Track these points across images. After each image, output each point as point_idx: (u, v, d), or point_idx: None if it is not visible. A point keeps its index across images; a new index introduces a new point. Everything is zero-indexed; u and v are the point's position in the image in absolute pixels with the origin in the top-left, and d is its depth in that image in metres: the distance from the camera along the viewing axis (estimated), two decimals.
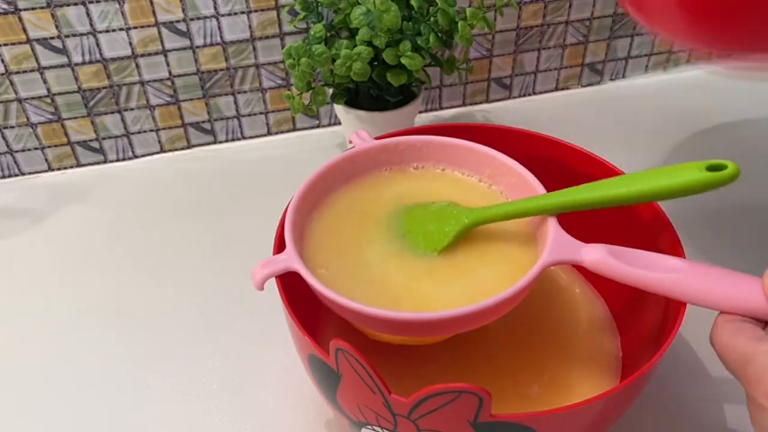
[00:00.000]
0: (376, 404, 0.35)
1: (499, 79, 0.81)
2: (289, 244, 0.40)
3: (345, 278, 0.40)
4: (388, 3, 0.58)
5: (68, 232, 0.66)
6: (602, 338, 0.49)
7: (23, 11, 0.63)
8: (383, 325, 0.37)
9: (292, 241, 0.40)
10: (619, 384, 0.36)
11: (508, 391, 0.44)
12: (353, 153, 0.46)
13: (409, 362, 0.46)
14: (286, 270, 0.39)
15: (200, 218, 0.67)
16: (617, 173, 0.48)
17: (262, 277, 0.39)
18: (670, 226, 0.44)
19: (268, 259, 0.39)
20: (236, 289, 0.59)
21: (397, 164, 0.48)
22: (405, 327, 0.36)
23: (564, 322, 0.50)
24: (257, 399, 0.50)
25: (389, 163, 0.48)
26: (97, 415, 0.50)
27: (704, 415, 0.49)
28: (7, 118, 0.69)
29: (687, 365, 0.51)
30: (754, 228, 0.64)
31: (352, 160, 0.46)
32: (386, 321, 0.36)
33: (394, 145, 0.47)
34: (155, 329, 0.56)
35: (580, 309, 0.51)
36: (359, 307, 0.36)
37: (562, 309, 0.51)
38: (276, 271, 0.39)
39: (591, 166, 0.49)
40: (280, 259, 0.39)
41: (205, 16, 0.68)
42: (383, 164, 0.47)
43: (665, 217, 0.45)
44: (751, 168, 0.71)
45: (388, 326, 0.37)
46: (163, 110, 0.73)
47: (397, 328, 0.37)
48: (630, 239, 0.48)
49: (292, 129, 0.78)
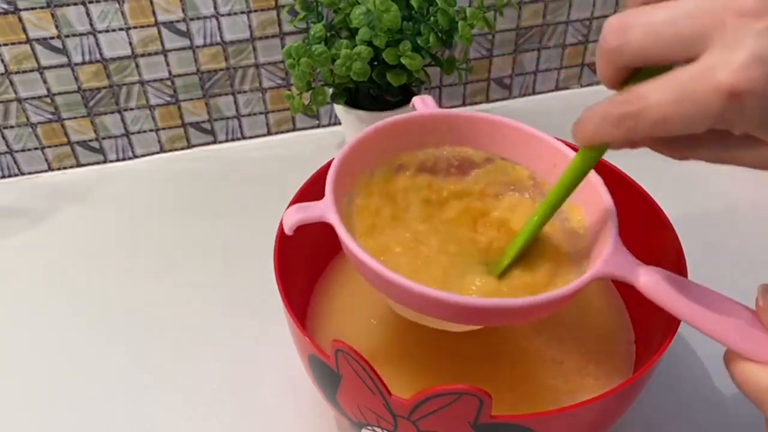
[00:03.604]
0: (377, 405, 0.35)
1: (499, 79, 0.81)
2: (329, 194, 0.37)
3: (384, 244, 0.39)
4: (388, 3, 0.58)
5: (68, 232, 0.66)
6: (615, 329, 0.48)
7: (23, 11, 0.63)
8: (416, 301, 0.35)
9: (333, 193, 0.37)
10: (619, 384, 0.36)
11: (509, 391, 0.44)
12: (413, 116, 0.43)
13: (409, 363, 0.46)
14: (319, 219, 0.36)
15: (200, 218, 0.67)
16: (617, 173, 0.48)
17: (294, 221, 0.36)
18: (670, 225, 0.44)
19: (304, 204, 0.37)
20: (236, 288, 0.59)
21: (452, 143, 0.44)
22: (436, 307, 0.34)
23: (574, 311, 0.49)
24: (257, 399, 0.50)
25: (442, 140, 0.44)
26: (96, 415, 0.50)
27: (705, 415, 0.49)
28: (7, 118, 0.69)
29: (687, 365, 0.51)
30: (754, 228, 0.64)
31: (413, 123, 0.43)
32: (420, 297, 0.34)
33: (455, 118, 0.43)
34: (155, 329, 0.56)
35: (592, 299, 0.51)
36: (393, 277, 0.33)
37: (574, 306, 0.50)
38: (309, 217, 0.36)
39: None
40: (317, 206, 0.36)
41: (205, 16, 0.68)
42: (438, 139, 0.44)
43: (665, 217, 0.45)
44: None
45: (421, 303, 0.35)
46: (163, 110, 0.73)
47: (430, 307, 0.35)
48: (630, 239, 0.48)
49: (292, 129, 0.78)
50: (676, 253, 0.43)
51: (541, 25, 0.78)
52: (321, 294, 0.51)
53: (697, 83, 0.26)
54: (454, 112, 0.44)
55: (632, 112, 0.27)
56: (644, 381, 0.38)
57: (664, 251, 0.45)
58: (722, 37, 0.25)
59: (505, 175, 0.44)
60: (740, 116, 0.26)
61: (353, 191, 0.41)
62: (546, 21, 0.77)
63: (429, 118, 0.43)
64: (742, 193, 0.68)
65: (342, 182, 0.39)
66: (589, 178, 0.38)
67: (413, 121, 0.43)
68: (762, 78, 0.25)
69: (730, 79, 0.25)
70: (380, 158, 0.43)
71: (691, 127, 0.27)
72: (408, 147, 0.43)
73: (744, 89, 0.25)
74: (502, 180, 0.44)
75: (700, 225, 0.62)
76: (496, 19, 0.75)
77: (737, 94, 0.25)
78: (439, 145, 0.44)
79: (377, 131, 0.42)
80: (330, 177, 0.38)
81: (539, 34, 0.78)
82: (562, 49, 0.80)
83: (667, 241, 0.44)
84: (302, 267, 0.48)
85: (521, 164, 0.44)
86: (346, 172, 0.40)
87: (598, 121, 0.29)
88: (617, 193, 0.48)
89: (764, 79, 0.25)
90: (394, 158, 0.43)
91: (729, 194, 0.68)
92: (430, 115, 0.43)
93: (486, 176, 0.44)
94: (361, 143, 0.41)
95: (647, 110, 0.27)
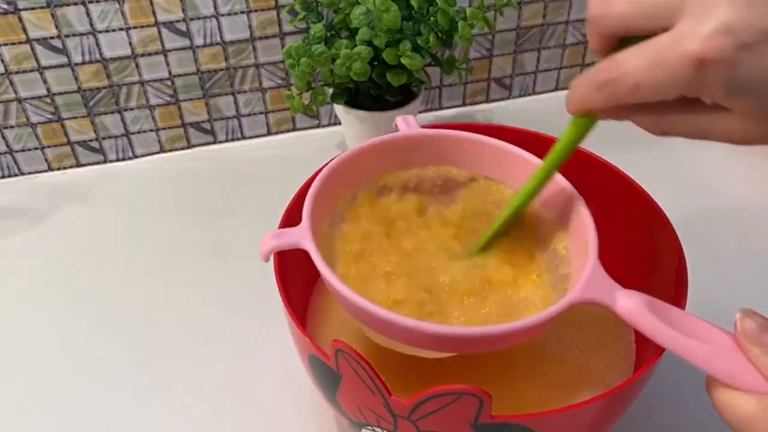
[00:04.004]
0: (377, 405, 0.35)
1: (499, 79, 0.81)
2: (305, 220, 0.37)
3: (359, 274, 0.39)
4: (388, 3, 0.58)
5: (68, 232, 0.66)
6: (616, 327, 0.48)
7: (23, 11, 0.63)
8: (387, 329, 0.35)
9: (310, 219, 0.37)
10: (619, 384, 0.36)
11: (509, 391, 0.44)
12: (395, 137, 0.42)
13: (409, 363, 0.46)
14: (294, 246, 0.36)
15: (200, 218, 0.67)
16: (617, 173, 0.48)
17: (269, 248, 0.36)
18: (670, 225, 0.44)
19: (279, 230, 0.37)
20: (236, 288, 0.59)
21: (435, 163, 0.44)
22: (409, 336, 0.34)
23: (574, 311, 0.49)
24: (257, 399, 0.50)
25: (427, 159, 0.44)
26: (96, 415, 0.50)
27: (705, 415, 0.49)
28: (7, 118, 0.69)
29: (687, 365, 0.51)
30: (754, 228, 0.64)
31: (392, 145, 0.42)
32: (390, 325, 0.34)
33: (438, 138, 0.43)
34: (155, 329, 0.56)
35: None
36: (367, 306, 0.33)
37: None
38: (285, 244, 0.36)
39: (593, 167, 0.48)
40: (292, 232, 0.36)
41: (205, 16, 0.68)
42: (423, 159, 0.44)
43: (665, 217, 0.45)
44: (752, 167, 0.71)
45: (391, 331, 0.35)
46: (163, 110, 0.73)
47: (400, 335, 0.35)
48: (630, 239, 0.48)
49: (292, 129, 0.78)
50: (676, 253, 0.43)
51: (541, 25, 0.78)
52: (321, 294, 0.51)
53: (669, 51, 0.27)
54: (437, 132, 0.43)
55: (611, 79, 0.29)
56: (644, 381, 0.38)
57: (664, 251, 0.45)
58: (695, 6, 0.26)
59: (489, 194, 0.44)
60: (708, 84, 0.26)
61: (335, 214, 0.41)
62: (546, 21, 0.77)
63: (412, 138, 0.43)
64: (742, 193, 0.68)
65: (321, 206, 0.39)
66: (572, 199, 0.39)
67: (396, 141, 0.43)
68: (729, 47, 0.25)
69: (698, 48, 0.26)
70: (362, 180, 0.42)
71: (663, 93, 0.28)
72: (391, 168, 0.43)
73: (711, 58, 0.26)
74: (487, 199, 0.43)
75: (700, 225, 0.62)
76: (496, 19, 0.75)
77: (704, 62, 0.26)
78: (423, 165, 0.44)
79: (360, 152, 0.41)
80: (308, 202, 0.38)
81: (539, 34, 0.78)
82: (562, 49, 0.80)
83: (667, 241, 0.44)
84: (302, 267, 0.48)
85: (505, 183, 0.43)
86: (326, 195, 0.39)
87: (584, 88, 0.30)
88: (617, 193, 0.48)
89: (731, 49, 0.25)
90: (377, 179, 0.43)
91: (729, 194, 0.68)
92: (413, 135, 0.43)
93: (470, 195, 0.44)
94: (342, 165, 0.40)
95: (624, 77, 0.28)
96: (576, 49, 0.81)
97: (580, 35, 0.80)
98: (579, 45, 0.81)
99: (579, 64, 0.82)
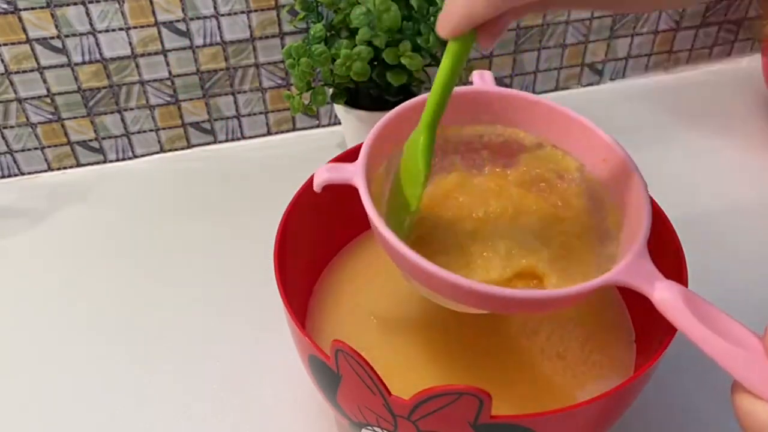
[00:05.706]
0: (376, 405, 0.35)
1: (499, 79, 0.81)
2: (362, 158, 0.36)
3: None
4: (388, 3, 0.58)
5: (68, 232, 0.66)
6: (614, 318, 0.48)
7: (23, 11, 0.63)
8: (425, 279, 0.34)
9: (367, 156, 0.36)
10: (619, 384, 0.36)
11: (509, 391, 0.44)
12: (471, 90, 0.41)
13: (409, 363, 0.46)
14: (346, 182, 0.35)
15: (200, 218, 0.67)
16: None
17: (323, 180, 0.36)
18: (670, 225, 0.44)
19: (334, 163, 0.36)
20: (236, 288, 0.59)
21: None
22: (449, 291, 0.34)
23: (574, 311, 0.49)
24: (257, 399, 0.50)
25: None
26: (96, 415, 0.50)
27: (705, 415, 0.49)
28: (6, 118, 0.69)
29: (687, 365, 0.51)
30: (754, 228, 0.64)
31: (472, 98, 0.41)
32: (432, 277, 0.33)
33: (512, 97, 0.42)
34: (155, 329, 0.56)
35: (592, 298, 0.50)
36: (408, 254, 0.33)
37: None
38: (337, 178, 0.35)
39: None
40: (347, 168, 0.35)
41: (204, 16, 0.68)
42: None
43: (665, 217, 0.45)
44: (752, 167, 0.71)
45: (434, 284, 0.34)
46: (163, 110, 0.73)
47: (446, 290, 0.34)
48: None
49: (292, 129, 0.78)
50: (676, 253, 0.43)
51: (541, 25, 0.78)
52: (321, 294, 0.51)
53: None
54: (513, 91, 0.42)
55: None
56: (644, 381, 0.38)
57: (664, 251, 0.45)
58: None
59: (554, 163, 0.43)
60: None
61: (394, 157, 0.39)
62: (546, 21, 0.77)
63: (484, 94, 0.42)
64: (742, 193, 0.68)
65: (380, 148, 0.38)
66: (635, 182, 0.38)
67: (467, 95, 0.41)
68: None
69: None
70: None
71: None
72: (458, 121, 0.42)
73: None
74: (549, 168, 0.43)
75: (700, 225, 0.62)
76: None
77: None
78: (491, 123, 0.43)
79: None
80: (367, 141, 0.37)
81: (539, 34, 0.78)
82: (562, 49, 0.80)
83: (667, 241, 0.44)
84: (302, 267, 0.48)
85: (571, 154, 0.42)
86: (387, 138, 0.38)
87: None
88: None
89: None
90: (440, 130, 0.41)
91: (729, 194, 0.68)
92: (486, 91, 0.42)
93: (533, 161, 0.43)
94: (408, 109, 0.39)
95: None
96: (576, 49, 0.81)
97: (580, 35, 0.80)
98: (579, 45, 0.81)
99: (579, 64, 0.82)
